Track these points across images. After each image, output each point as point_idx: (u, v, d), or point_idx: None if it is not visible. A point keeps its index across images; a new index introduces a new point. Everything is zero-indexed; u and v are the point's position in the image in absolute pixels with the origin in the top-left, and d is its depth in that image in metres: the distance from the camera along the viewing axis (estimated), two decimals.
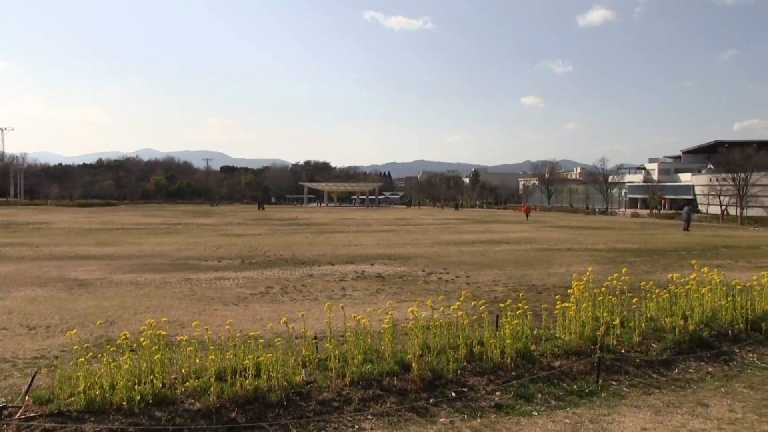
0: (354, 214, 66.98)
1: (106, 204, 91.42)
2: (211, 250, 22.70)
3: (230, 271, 16.62)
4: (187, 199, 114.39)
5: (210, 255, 20.98)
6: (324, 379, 6.39)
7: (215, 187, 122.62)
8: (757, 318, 9.20)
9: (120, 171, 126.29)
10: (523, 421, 5.81)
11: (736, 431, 5.55)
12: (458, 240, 29.28)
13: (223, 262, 18.97)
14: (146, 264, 18.17)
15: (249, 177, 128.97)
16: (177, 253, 21.66)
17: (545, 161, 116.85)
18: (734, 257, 21.87)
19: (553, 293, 12.08)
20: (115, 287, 13.83)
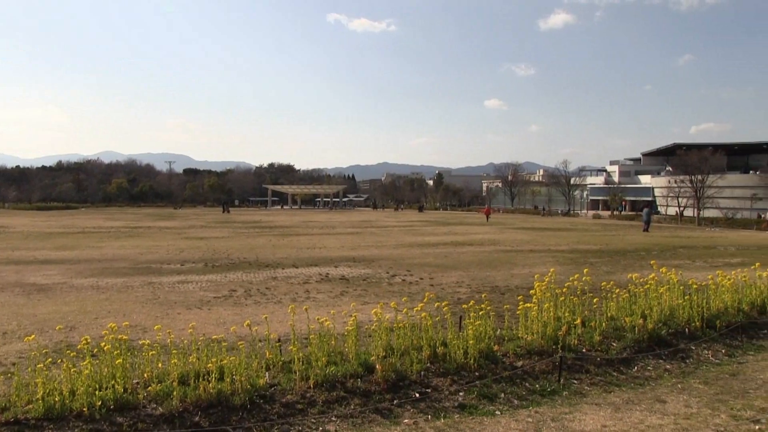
0: (318, 217, 66.82)
1: (66, 207, 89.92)
2: (173, 254, 22.48)
3: (193, 275, 16.48)
4: (150, 202, 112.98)
5: (173, 258, 20.78)
6: (288, 382, 6.37)
7: (178, 190, 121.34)
8: (712, 316, 9.42)
9: (80, 174, 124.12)
10: (486, 420, 5.86)
11: (691, 425, 5.65)
12: (422, 242, 29.38)
13: (186, 265, 18.80)
14: (107, 268, 17.93)
15: (212, 179, 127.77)
16: (139, 256, 21.40)
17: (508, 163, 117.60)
18: (692, 257, 22.28)
19: (515, 294, 12.19)
20: (75, 292, 13.63)
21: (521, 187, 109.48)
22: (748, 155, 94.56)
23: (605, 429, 5.60)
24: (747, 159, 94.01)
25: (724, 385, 7.04)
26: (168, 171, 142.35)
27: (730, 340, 9.04)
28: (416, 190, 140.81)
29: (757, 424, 5.67)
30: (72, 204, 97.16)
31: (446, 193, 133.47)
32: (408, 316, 7.43)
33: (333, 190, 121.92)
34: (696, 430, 5.54)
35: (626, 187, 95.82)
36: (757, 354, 8.58)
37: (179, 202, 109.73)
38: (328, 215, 73.75)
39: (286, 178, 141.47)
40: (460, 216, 76.17)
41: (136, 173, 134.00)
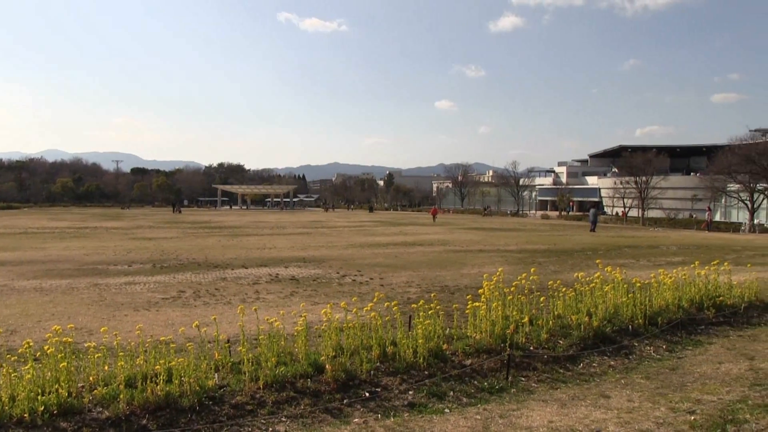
0: (268, 217, 66.40)
1: (7, 207, 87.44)
2: (121, 255, 22.11)
3: (141, 276, 16.25)
4: (96, 202, 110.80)
5: (120, 259, 20.44)
6: (237, 383, 6.35)
7: (125, 190, 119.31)
8: (654, 313, 9.69)
9: (23, 172, 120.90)
10: (435, 418, 5.93)
11: (633, 419, 5.82)
12: (372, 242, 29.45)
13: (133, 266, 18.52)
14: (51, 269, 17.55)
15: (161, 179, 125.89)
16: (85, 257, 20.99)
17: (458, 164, 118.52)
18: (636, 257, 22.79)
19: (465, 293, 12.32)
20: (17, 294, 13.31)
21: (471, 188, 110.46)
22: (689, 157, 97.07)
23: (552, 424, 5.71)
24: (688, 161, 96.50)
25: (664, 379, 7.27)
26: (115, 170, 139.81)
27: (670, 336, 9.32)
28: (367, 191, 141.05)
29: (693, 415, 5.88)
30: (14, 204, 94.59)
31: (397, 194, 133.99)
32: (358, 316, 7.47)
33: (283, 191, 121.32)
34: (637, 423, 5.70)
35: (574, 187, 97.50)
36: (695, 349, 8.86)
37: (127, 202, 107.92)
38: (279, 215, 73.34)
39: (236, 178, 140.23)
40: (410, 216, 76.50)
41: (81, 172, 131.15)
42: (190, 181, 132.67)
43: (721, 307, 10.71)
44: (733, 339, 9.43)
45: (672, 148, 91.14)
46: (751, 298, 11.40)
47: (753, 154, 52.53)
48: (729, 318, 10.52)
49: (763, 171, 51.07)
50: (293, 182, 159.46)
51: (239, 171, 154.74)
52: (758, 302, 11.52)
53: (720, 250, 25.80)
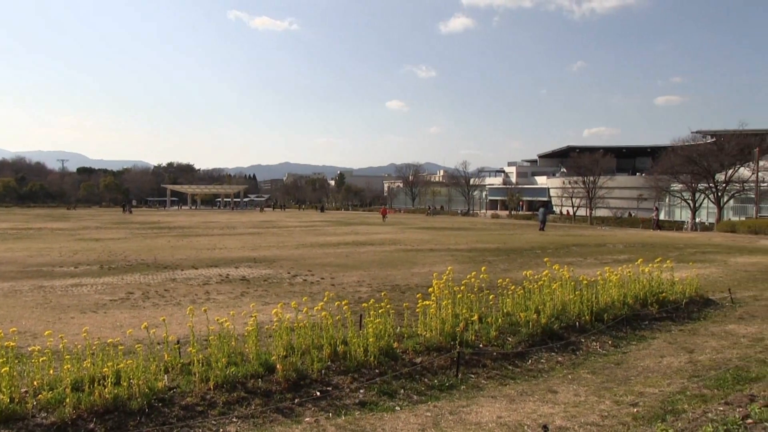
0: (218, 217, 65.81)
1: None
2: (66, 256, 21.66)
3: (88, 277, 15.95)
4: (41, 203, 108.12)
5: (66, 261, 20.03)
6: (187, 384, 6.31)
7: (72, 190, 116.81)
8: (600, 310, 9.92)
9: None
10: (386, 416, 5.98)
11: (579, 412, 5.96)
12: (323, 242, 29.41)
13: (80, 267, 18.17)
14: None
15: (108, 179, 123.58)
16: (28, 259, 20.51)
17: (409, 164, 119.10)
18: (583, 255, 23.22)
19: (415, 292, 12.40)
20: None
21: (422, 188, 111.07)
22: (635, 158, 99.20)
23: (500, 420, 5.81)
24: (634, 161, 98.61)
25: (610, 374, 7.45)
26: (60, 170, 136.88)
27: (616, 332, 9.55)
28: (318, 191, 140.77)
29: (636, 407, 6.05)
30: None
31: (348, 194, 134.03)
32: (308, 315, 7.49)
33: (234, 190, 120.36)
34: (583, 416, 5.84)
35: (523, 187, 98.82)
36: (639, 344, 9.10)
37: (73, 203, 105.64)
38: (229, 215, 72.72)
39: (186, 177, 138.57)
40: (361, 216, 76.58)
41: (24, 172, 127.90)
42: (138, 181, 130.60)
43: (664, 303, 11.02)
44: (675, 333, 9.71)
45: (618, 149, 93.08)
46: (691, 294, 11.76)
47: (694, 155, 54.00)
48: (671, 313, 10.82)
49: (704, 171, 52.52)
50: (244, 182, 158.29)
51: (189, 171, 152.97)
52: (698, 298, 11.89)
53: (664, 248, 26.43)
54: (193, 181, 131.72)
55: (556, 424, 5.62)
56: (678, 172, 55.22)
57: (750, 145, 51.56)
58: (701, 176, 53.37)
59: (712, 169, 52.62)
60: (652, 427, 5.13)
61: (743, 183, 53.55)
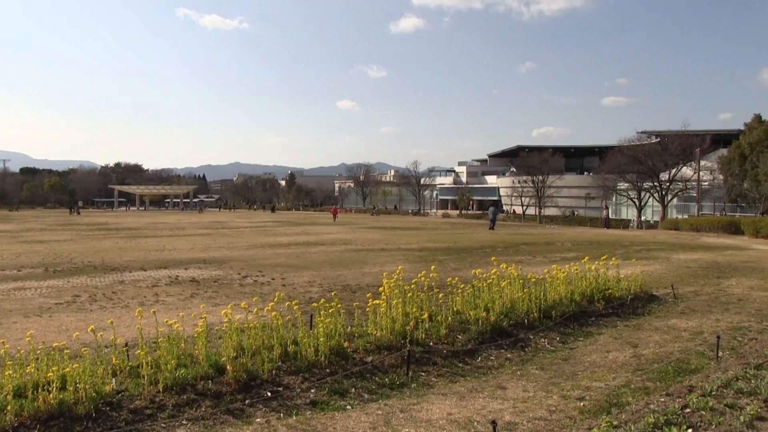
0: (167, 218, 64.93)
1: None
2: (9, 259, 21.14)
3: (32, 281, 15.59)
4: None
5: (8, 264, 19.55)
6: (136, 387, 6.23)
7: (14, 191, 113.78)
8: (548, 307, 10.09)
9: None
10: (337, 415, 6.00)
11: (528, 407, 6.07)
12: (274, 242, 29.26)
13: (23, 270, 17.76)
14: None
15: (53, 179, 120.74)
16: None
17: (360, 164, 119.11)
18: (532, 253, 23.54)
19: (366, 292, 12.41)
20: None
21: (373, 187, 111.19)
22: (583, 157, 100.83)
23: (450, 416, 5.87)
24: (582, 161, 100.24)
25: (557, 370, 7.60)
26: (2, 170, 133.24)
27: (563, 329, 9.73)
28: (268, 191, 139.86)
29: (583, 401, 6.21)
30: None
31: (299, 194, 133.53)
32: (259, 316, 7.47)
33: (183, 191, 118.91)
34: (531, 411, 5.95)
35: (474, 187, 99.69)
36: (585, 340, 9.29)
37: (15, 204, 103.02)
38: (178, 216, 71.81)
39: (134, 178, 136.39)
40: (312, 216, 76.37)
41: None
42: (85, 182, 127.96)
43: (610, 300, 11.26)
44: (620, 329, 9.93)
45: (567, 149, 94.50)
46: (636, 290, 12.05)
47: (640, 154, 55.21)
48: (617, 309, 11.06)
49: (649, 171, 53.74)
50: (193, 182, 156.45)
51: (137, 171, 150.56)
52: (643, 294, 12.19)
53: (610, 245, 26.94)
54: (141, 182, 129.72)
55: (505, 420, 5.72)
56: (624, 171, 56.40)
57: (692, 146, 52.86)
58: (646, 175, 54.58)
59: (657, 168, 53.86)
60: (597, 420, 5.24)
61: (686, 182, 54.98)
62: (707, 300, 12.44)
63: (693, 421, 4.98)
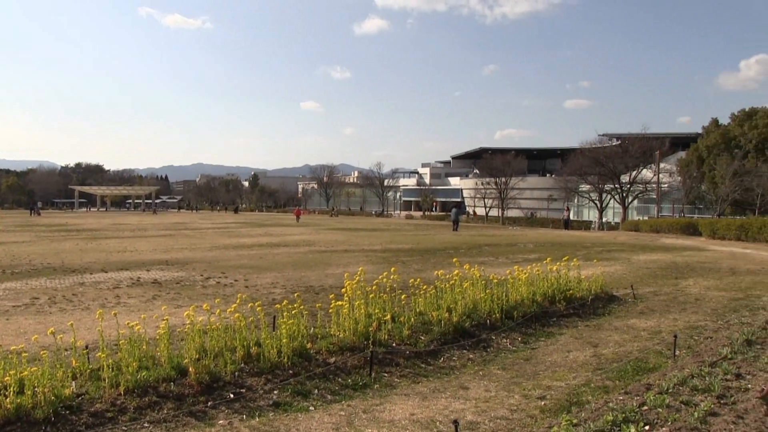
0: (129, 219, 64.16)
1: None
2: None
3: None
4: None
5: None
6: (96, 390, 6.16)
7: None
8: (510, 307, 10.18)
9: None
10: (300, 416, 6.00)
11: (490, 407, 6.14)
12: (237, 244, 29.08)
13: None
14: None
15: (11, 180, 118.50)
16: None
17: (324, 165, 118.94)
18: (495, 254, 23.71)
19: (329, 293, 12.40)
20: None
21: (336, 189, 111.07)
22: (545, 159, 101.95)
23: (413, 417, 5.92)
24: (544, 163, 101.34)
25: (519, 369, 7.69)
26: None
27: (525, 329, 9.84)
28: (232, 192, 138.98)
29: (544, 401, 6.30)
30: None
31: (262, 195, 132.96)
32: (221, 317, 7.44)
33: (145, 192, 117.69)
34: (493, 411, 6.01)
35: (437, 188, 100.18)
36: (547, 340, 9.41)
37: None
38: (140, 217, 70.97)
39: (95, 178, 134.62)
40: (276, 217, 76.07)
41: None
42: (44, 182, 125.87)
43: (571, 300, 11.41)
44: (581, 329, 10.08)
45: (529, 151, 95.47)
46: (597, 291, 12.22)
47: (601, 157, 55.99)
48: (578, 310, 11.21)
49: (610, 173, 54.51)
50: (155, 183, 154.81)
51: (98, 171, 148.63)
52: (603, 294, 12.37)
53: (572, 246, 27.26)
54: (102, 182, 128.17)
55: (467, 419, 5.77)
56: (586, 173, 57.15)
57: (652, 148, 53.79)
58: (607, 177, 55.37)
59: (618, 170, 54.66)
60: (558, 419, 5.33)
61: (646, 184, 55.90)
62: (666, 300, 12.66)
63: (650, 418, 5.10)
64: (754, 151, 47.00)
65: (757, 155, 46.68)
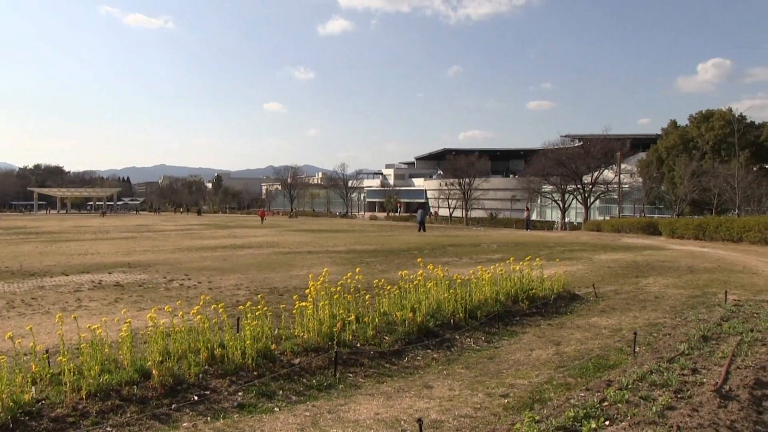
0: (91, 221, 63.27)
1: None
2: None
3: None
4: None
5: None
6: (57, 395, 6.08)
7: None
8: (473, 307, 10.28)
9: None
10: (265, 418, 5.99)
11: (454, 406, 6.19)
12: (201, 245, 28.86)
13: None
14: None
15: None
16: None
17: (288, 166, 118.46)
18: (459, 255, 23.86)
19: (294, 294, 12.39)
20: None
21: (300, 190, 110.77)
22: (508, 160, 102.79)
23: (378, 416, 5.94)
24: (508, 164, 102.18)
25: (483, 368, 7.76)
26: None
27: (489, 328, 9.93)
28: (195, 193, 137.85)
29: (507, 398, 6.37)
30: None
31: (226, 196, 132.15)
32: (185, 320, 7.40)
33: (107, 194, 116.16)
34: (457, 409, 6.07)
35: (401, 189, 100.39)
36: (510, 339, 9.51)
37: None
38: (102, 220, 70.01)
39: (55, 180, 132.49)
40: (239, 219, 75.62)
41: None
42: (1, 184, 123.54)
43: (533, 299, 11.55)
44: (544, 327, 10.20)
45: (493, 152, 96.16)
46: (559, 290, 12.38)
47: (563, 157, 56.68)
48: (540, 309, 11.35)
49: (572, 173, 55.20)
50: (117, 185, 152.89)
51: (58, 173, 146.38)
52: (566, 293, 12.53)
53: (535, 246, 27.53)
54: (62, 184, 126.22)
55: (431, 418, 5.82)
56: (548, 174, 57.80)
57: (613, 149, 54.59)
58: (570, 178, 56.06)
59: (580, 171, 55.38)
60: (520, 416, 5.40)
61: (607, 184, 56.70)
62: (626, 298, 12.87)
63: (610, 413, 5.19)
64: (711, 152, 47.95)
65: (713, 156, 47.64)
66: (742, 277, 16.07)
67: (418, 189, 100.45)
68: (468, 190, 68.51)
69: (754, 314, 9.93)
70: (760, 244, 27.07)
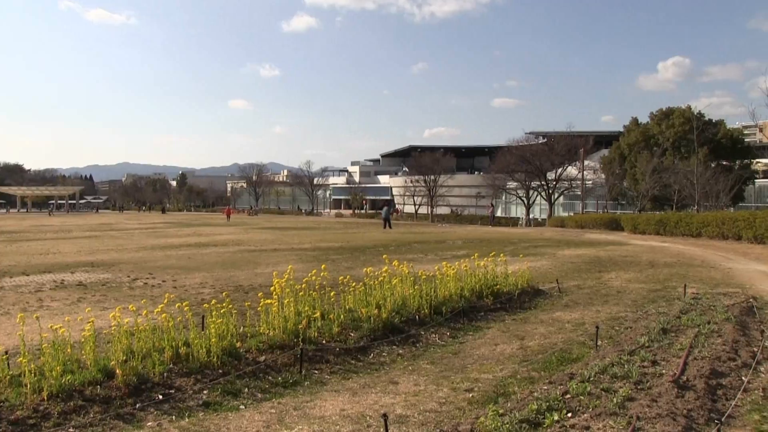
0: (52, 221, 62.28)
1: None
2: None
3: None
4: None
5: None
6: (17, 397, 5.99)
7: None
8: (438, 303, 10.36)
9: None
10: (230, 415, 5.98)
11: (419, 401, 6.25)
12: (165, 244, 28.58)
13: None
14: None
15: None
16: None
17: (253, 164, 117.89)
18: (424, 251, 23.96)
19: (259, 292, 12.35)
20: None
21: (266, 188, 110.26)
22: (473, 157, 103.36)
23: (343, 412, 5.97)
24: (473, 161, 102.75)
25: (448, 363, 7.83)
26: None
27: (454, 324, 10.01)
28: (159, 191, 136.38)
29: (471, 393, 6.46)
30: None
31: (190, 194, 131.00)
32: (149, 318, 7.35)
33: (69, 192, 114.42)
34: (422, 404, 6.12)
35: (367, 186, 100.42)
36: (475, 334, 9.60)
37: None
38: (64, 218, 68.96)
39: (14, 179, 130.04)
40: (204, 217, 75.08)
41: None
42: None
43: (498, 295, 11.66)
44: (508, 323, 10.31)
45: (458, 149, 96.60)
46: (523, 285, 12.51)
47: (528, 154, 57.18)
48: (505, 304, 11.46)
49: (536, 170, 55.71)
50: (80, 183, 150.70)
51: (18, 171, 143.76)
52: (529, 288, 12.68)
53: (499, 243, 27.73)
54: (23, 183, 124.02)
55: (396, 413, 5.86)
56: (513, 170, 58.28)
57: (576, 146, 55.19)
58: (534, 175, 56.58)
59: (544, 168, 55.90)
60: (485, 410, 5.47)
61: (571, 181, 57.33)
62: (589, 293, 13.06)
63: (572, 405, 5.30)
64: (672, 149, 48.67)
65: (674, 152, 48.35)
66: (700, 271, 16.40)
67: (383, 186, 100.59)
68: (433, 187, 68.81)
69: (711, 307, 10.17)
70: (717, 238, 27.62)
